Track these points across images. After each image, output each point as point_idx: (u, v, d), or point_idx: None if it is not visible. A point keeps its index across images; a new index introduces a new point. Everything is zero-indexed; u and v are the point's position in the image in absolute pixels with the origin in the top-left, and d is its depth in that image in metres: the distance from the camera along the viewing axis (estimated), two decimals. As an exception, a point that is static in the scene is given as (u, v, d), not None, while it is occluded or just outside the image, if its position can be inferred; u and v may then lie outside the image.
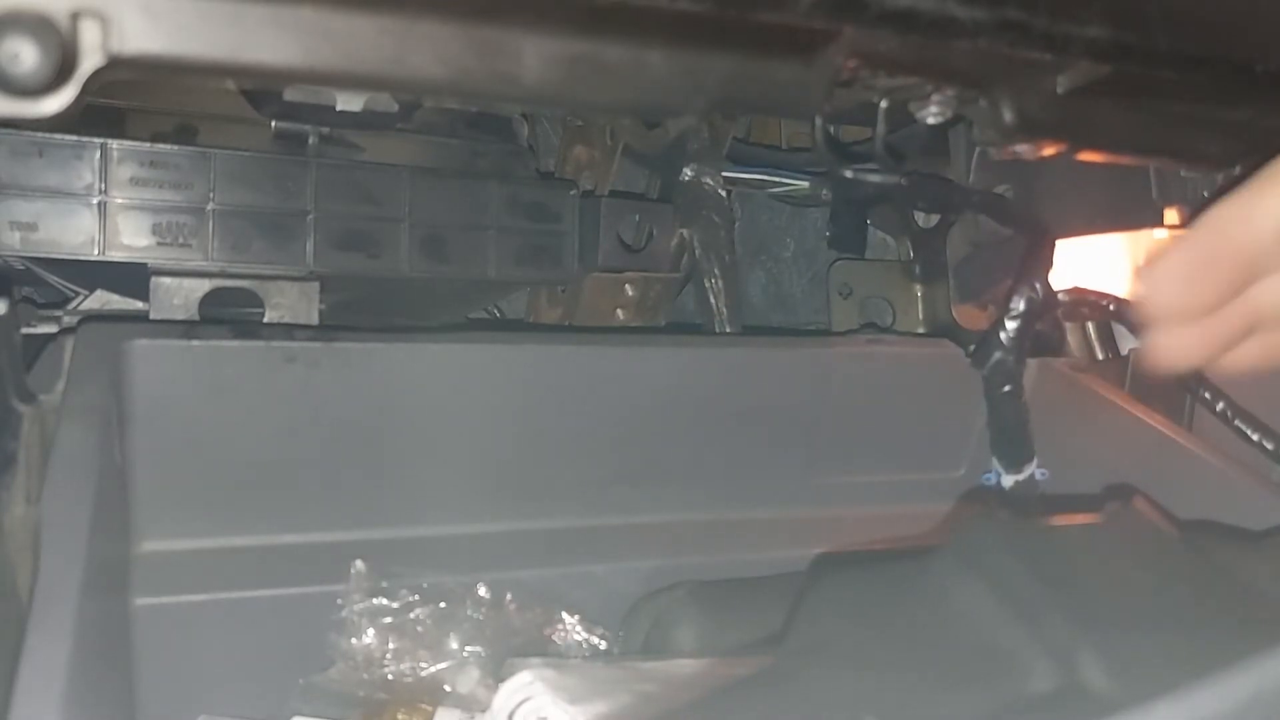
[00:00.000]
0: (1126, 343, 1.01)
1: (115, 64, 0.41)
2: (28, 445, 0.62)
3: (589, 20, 0.49)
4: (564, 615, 0.84)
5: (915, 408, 0.99)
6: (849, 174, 0.78)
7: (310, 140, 0.94)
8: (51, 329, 0.84)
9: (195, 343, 0.75)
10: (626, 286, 1.11)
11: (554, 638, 0.84)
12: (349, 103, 0.85)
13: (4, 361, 0.62)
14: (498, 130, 1.04)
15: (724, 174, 1.06)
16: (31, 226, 0.86)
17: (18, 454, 0.61)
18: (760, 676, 0.48)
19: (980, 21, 0.56)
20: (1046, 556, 0.47)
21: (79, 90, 0.41)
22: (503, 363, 0.87)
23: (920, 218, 1.13)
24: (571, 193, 1.01)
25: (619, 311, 1.13)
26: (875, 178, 0.90)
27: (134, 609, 0.74)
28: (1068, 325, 1.01)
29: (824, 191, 1.06)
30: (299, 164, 0.93)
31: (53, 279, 0.96)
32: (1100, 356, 1.00)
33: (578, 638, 0.84)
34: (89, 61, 0.40)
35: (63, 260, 0.89)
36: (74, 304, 0.96)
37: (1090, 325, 1.00)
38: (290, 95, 0.84)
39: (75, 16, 0.39)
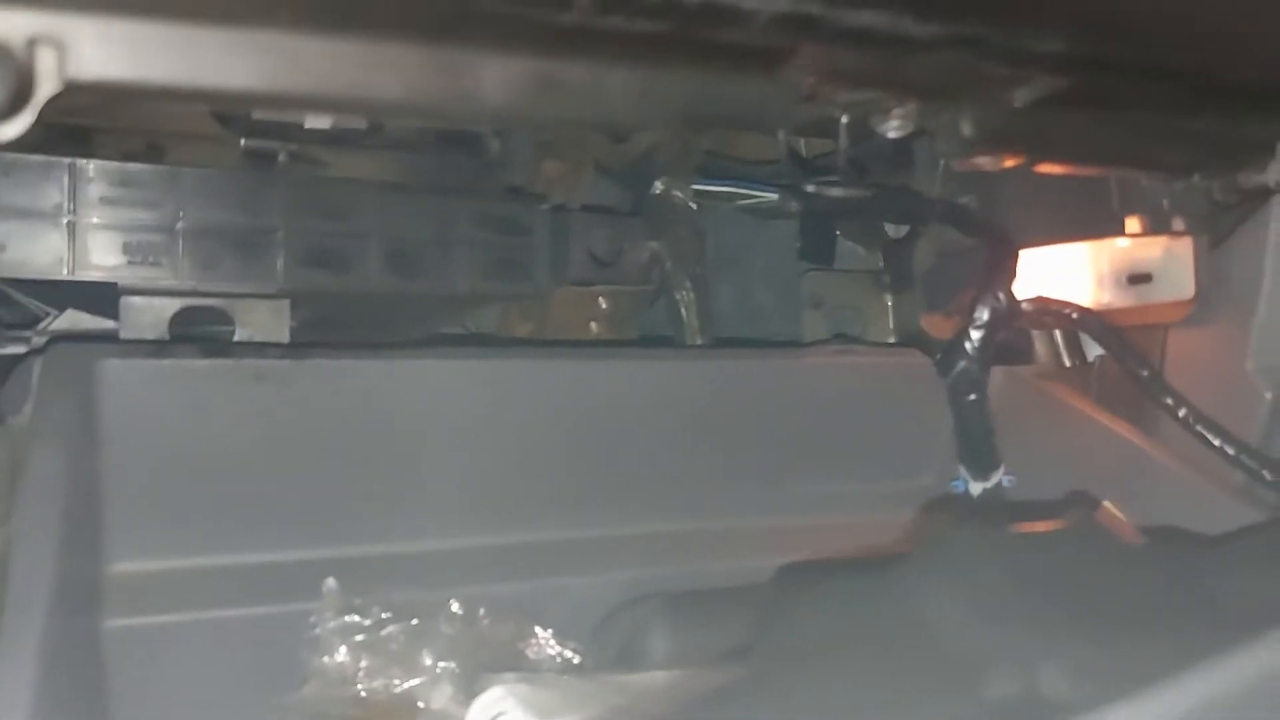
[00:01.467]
0: (1093, 350, 1.02)
1: (72, 89, 0.41)
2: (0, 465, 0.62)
3: (549, 41, 0.50)
4: (537, 629, 0.84)
5: (884, 416, 1.00)
6: (810, 188, 0.78)
7: (279, 158, 0.94)
8: (20, 350, 0.84)
9: (165, 362, 0.75)
10: (599, 300, 1.12)
11: (527, 652, 0.84)
12: (317, 120, 0.84)
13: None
14: (467, 145, 1.04)
15: (694, 187, 1.06)
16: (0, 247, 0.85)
17: (-15, 477, 0.61)
18: (730, 688, 0.48)
19: (936, 37, 0.57)
20: (1010, 565, 0.48)
21: (35, 116, 0.41)
22: (473, 377, 0.87)
23: (890, 228, 1.14)
24: (542, 207, 1.01)
25: (591, 324, 1.13)
26: (840, 190, 0.91)
27: (105, 630, 0.74)
28: (1035, 333, 1.02)
29: (793, 204, 1.07)
30: (268, 181, 0.92)
31: (23, 299, 0.96)
32: (1067, 364, 1.01)
33: (551, 652, 0.84)
34: (45, 88, 0.40)
35: (33, 280, 0.88)
36: (44, 324, 0.96)
37: (1057, 333, 1.01)
38: (258, 114, 0.85)
39: (32, 43, 0.39)
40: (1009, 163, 0.70)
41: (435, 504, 0.86)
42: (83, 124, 0.91)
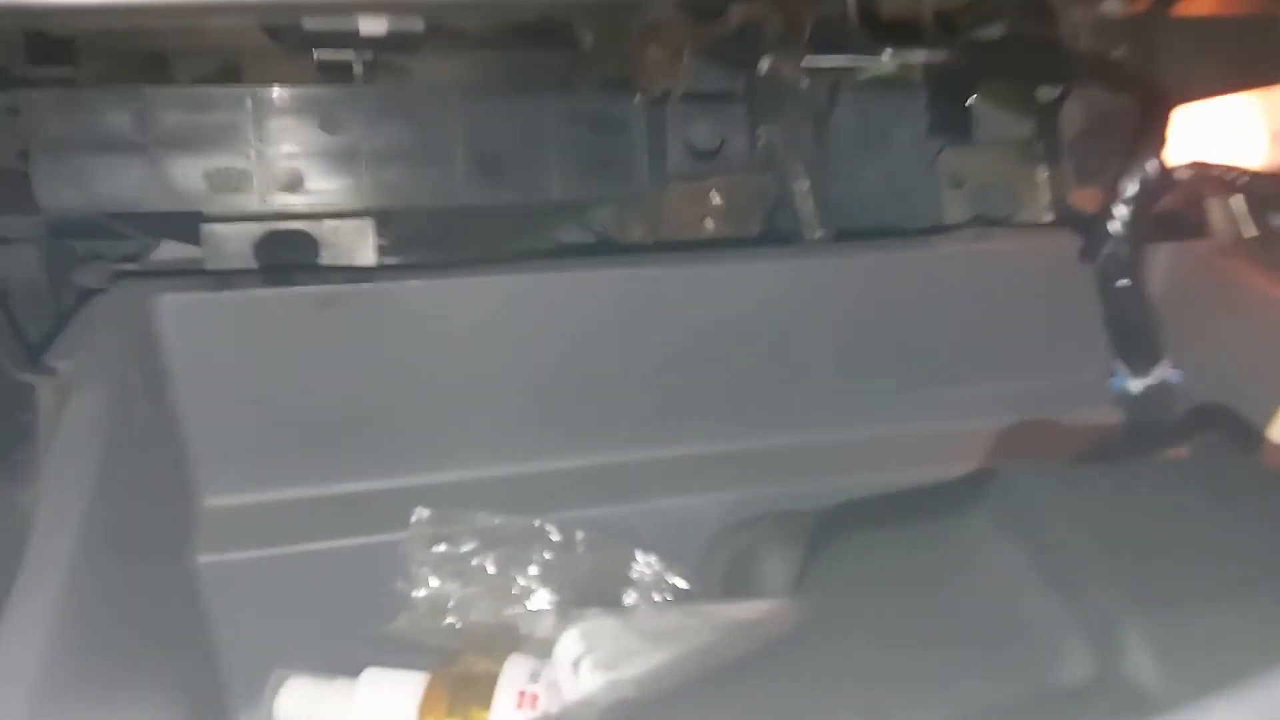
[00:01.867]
0: (1282, 216, 0.87)
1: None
2: (48, 417, 0.61)
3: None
4: (638, 554, 0.79)
5: (1032, 307, 0.89)
6: (886, 56, 0.68)
7: (355, 69, 0.90)
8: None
9: (226, 294, 0.73)
10: (713, 194, 1.03)
11: (629, 576, 0.80)
12: (372, 26, 0.79)
13: (4, 334, 0.61)
14: (557, 38, 0.97)
15: (804, 64, 0.95)
16: (85, 180, 0.85)
17: (34, 427, 0.60)
18: (769, 651, 0.42)
19: None
20: (1097, 510, 0.39)
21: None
22: (561, 291, 0.81)
23: (1043, 91, 1.00)
24: (635, 99, 0.93)
25: (708, 221, 1.05)
26: (968, 54, 0.79)
27: (199, 566, 0.74)
28: (1210, 201, 0.87)
29: (918, 73, 0.95)
30: (347, 95, 0.89)
31: (132, 232, 0.96)
32: (1249, 235, 0.86)
33: (654, 576, 0.79)
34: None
35: (123, 213, 0.88)
36: (148, 256, 0.96)
37: (1235, 199, 0.86)
38: (310, 25, 0.80)
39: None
40: (1138, 4, 0.58)
41: (525, 426, 0.81)
42: (156, 48, 0.89)
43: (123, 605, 0.59)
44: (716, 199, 1.04)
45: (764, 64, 0.95)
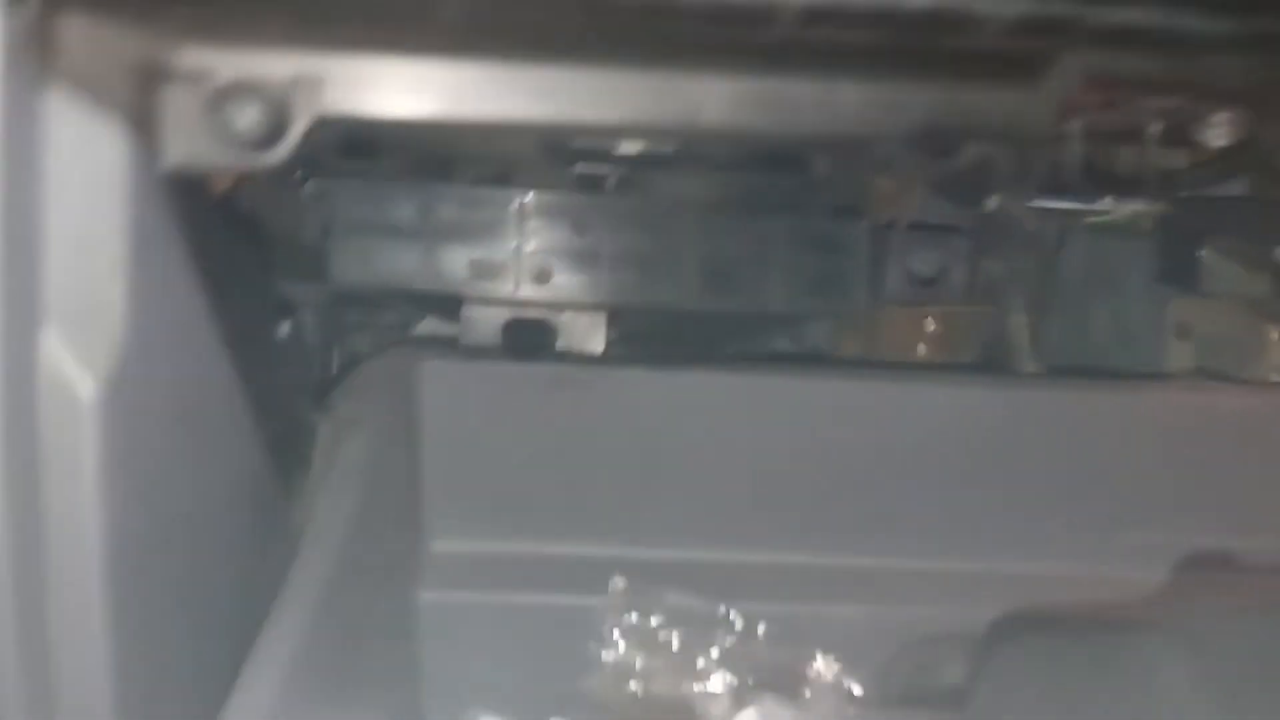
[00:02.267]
0: None
1: (324, 123, 0.47)
2: (325, 452, 0.71)
3: (765, 58, 0.50)
4: (818, 655, 0.83)
5: (1244, 464, 0.88)
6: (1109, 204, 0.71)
7: (608, 181, 1.00)
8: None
9: (480, 364, 0.83)
10: (928, 320, 1.08)
11: (806, 673, 0.83)
12: (629, 146, 0.89)
13: (296, 379, 0.72)
14: (790, 165, 1.04)
15: (1034, 204, 0.99)
16: (371, 260, 0.98)
17: (311, 459, 0.71)
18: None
19: (1231, 36, 0.50)
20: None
21: (294, 144, 0.47)
22: (772, 395, 0.88)
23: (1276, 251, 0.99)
24: (861, 225, 0.99)
25: (921, 346, 1.09)
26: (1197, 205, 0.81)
27: (421, 601, 0.83)
28: None
29: (1149, 221, 0.97)
30: (598, 203, 0.99)
31: (402, 306, 1.09)
32: None
33: (831, 679, 0.82)
34: (301, 121, 0.47)
35: (397, 290, 1.01)
36: (410, 328, 1.09)
37: None
38: (576, 142, 0.90)
39: (292, 83, 0.46)
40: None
41: (725, 515, 0.87)
42: (444, 151, 1.02)
43: (356, 625, 0.68)
44: (932, 325, 1.08)
45: (992, 201, 1.00)
